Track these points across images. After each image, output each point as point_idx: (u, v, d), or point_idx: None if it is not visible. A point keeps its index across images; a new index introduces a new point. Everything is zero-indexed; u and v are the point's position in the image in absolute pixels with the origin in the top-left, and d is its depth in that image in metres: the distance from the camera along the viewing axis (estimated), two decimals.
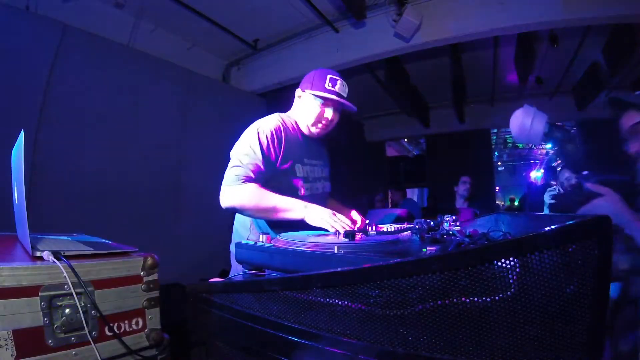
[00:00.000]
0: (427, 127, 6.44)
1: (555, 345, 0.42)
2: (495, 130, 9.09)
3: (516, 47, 3.82)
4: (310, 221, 1.10)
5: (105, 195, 2.74)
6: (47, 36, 2.51)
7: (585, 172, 0.99)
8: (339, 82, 1.28)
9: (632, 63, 4.02)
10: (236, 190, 1.13)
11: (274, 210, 1.13)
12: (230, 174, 1.16)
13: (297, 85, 1.38)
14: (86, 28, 2.77)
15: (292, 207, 1.13)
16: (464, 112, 5.97)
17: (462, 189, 3.45)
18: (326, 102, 1.28)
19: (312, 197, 1.29)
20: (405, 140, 9.28)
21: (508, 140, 11.08)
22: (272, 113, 1.38)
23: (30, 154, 2.34)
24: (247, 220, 1.30)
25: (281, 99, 4.28)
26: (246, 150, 1.18)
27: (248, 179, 1.14)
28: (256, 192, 1.13)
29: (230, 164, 1.20)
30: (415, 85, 5.14)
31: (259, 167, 1.17)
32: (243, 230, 1.33)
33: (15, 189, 0.80)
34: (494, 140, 9.87)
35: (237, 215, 1.36)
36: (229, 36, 3.79)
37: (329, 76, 1.27)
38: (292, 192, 1.24)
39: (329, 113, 1.30)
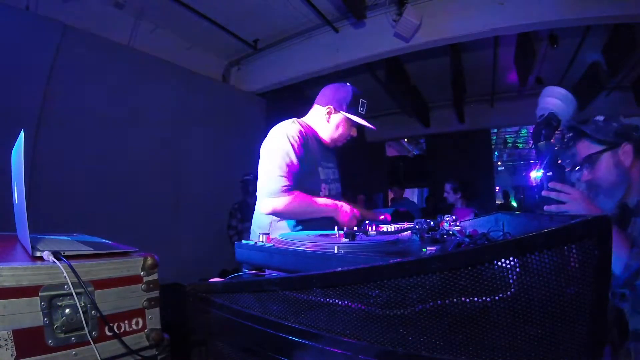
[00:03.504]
0: (427, 127, 6.44)
1: (555, 345, 0.42)
2: (495, 130, 9.10)
3: (516, 47, 3.82)
4: (341, 218, 1.26)
5: (105, 195, 2.74)
6: (47, 36, 2.51)
7: (549, 173, 1.01)
8: (365, 104, 1.41)
9: (632, 63, 4.02)
10: (282, 200, 1.23)
11: (315, 212, 1.28)
12: (274, 185, 1.23)
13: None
14: (86, 28, 2.77)
15: (328, 207, 1.29)
16: (464, 112, 5.97)
17: (452, 198, 3.24)
18: (356, 123, 1.41)
19: (331, 198, 1.38)
20: (405, 140, 9.28)
21: (508, 140, 11.09)
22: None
23: (30, 154, 2.34)
24: (265, 222, 1.34)
25: (281, 99, 4.29)
26: (283, 158, 1.26)
27: (289, 188, 1.24)
28: (300, 199, 1.24)
29: (269, 173, 1.25)
30: (415, 85, 5.14)
31: (296, 173, 1.26)
32: (260, 231, 1.35)
33: (15, 189, 0.80)
34: (494, 140, 9.87)
35: (255, 217, 1.41)
36: (229, 36, 3.79)
37: (360, 100, 1.40)
38: (316, 194, 1.34)
39: (354, 132, 1.46)
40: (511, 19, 3.02)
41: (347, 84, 1.44)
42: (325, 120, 1.42)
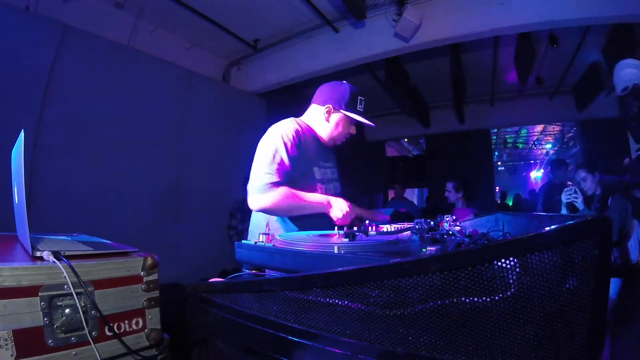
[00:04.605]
0: (427, 127, 6.44)
1: (555, 345, 0.42)
2: (496, 130, 9.11)
3: (516, 47, 3.82)
4: (334, 214, 1.24)
5: (105, 195, 2.74)
6: (47, 36, 2.51)
7: None
8: (364, 102, 1.40)
9: None
10: (268, 196, 1.21)
11: (304, 208, 1.26)
12: (261, 181, 1.22)
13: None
14: (86, 28, 2.77)
15: (318, 203, 1.27)
16: (464, 112, 5.97)
17: (454, 197, 3.23)
18: (355, 121, 1.41)
19: None
20: (405, 140, 9.28)
21: (508, 140, 11.09)
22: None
23: (30, 154, 2.34)
24: (262, 221, 1.34)
25: (281, 99, 4.29)
26: (273, 155, 1.25)
27: (277, 184, 1.22)
28: (287, 194, 1.21)
29: (258, 170, 1.25)
30: (415, 85, 5.14)
31: (286, 170, 1.24)
32: (257, 231, 1.34)
33: (15, 189, 0.80)
34: (494, 140, 9.87)
35: (253, 218, 1.40)
36: (229, 36, 3.79)
37: (359, 97, 1.39)
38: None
39: (353, 130, 1.46)
40: (511, 19, 3.02)
41: (344, 81, 1.43)
42: (325, 120, 1.41)
